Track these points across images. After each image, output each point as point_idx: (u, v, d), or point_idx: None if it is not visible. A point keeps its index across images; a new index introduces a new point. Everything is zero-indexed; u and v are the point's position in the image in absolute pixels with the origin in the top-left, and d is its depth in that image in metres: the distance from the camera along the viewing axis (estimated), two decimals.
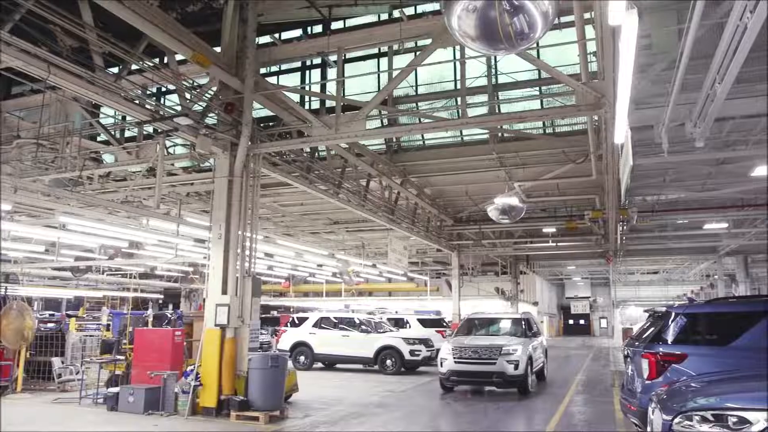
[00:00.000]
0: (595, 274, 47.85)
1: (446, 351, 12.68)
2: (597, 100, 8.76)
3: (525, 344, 12.58)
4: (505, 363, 11.89)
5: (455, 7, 5.24)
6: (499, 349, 12.07)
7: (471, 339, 13.14)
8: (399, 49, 11.95)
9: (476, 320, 14.95)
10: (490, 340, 12.79)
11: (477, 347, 12.35)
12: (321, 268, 30.54)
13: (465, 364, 12.26)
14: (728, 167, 13.33)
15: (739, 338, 6.42)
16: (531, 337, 13.47)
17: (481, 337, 13.56)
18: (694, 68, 7.39)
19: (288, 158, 12.58)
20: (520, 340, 12.77)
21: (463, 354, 12.34)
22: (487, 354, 12.10)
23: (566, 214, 20.51)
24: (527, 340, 13.01)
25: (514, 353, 12.03)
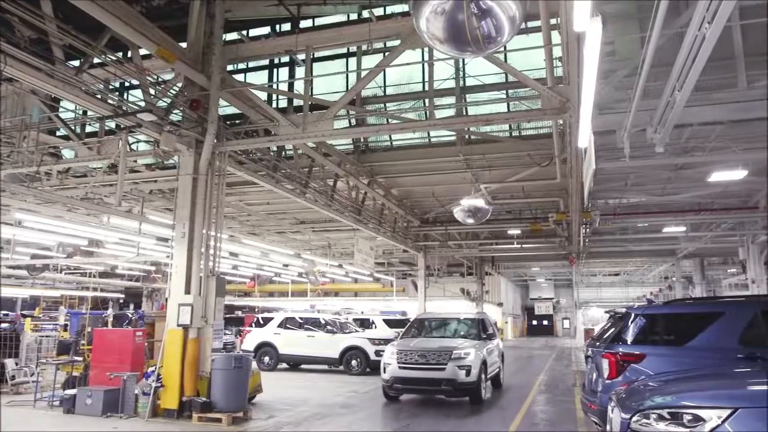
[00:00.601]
0: (559, 275, 48.72)
1: (390, 355, 11.32)
2: (562, 105, 8.91)
3: (479, 347, 11.40)
4: (456, 369, 10.62)
5: (424, 9, 5.26)
6: (450, 352, 10.76)
7: (419, 341, 11.96)
8: (368, 50, 11.95)
9: (426, 321, 13.78)
10: (440, 343, 11.54)
11: (424, 351, 10.99)
12: (287, 268, 30.32)
13: (411, 369, 10.92)
14: (686, 172, 13.70)
15: (694, 338, 6.61)
16: (486, 340, 12.30)
17: (431, 339, 12.43)
18: (655, 76, 7.58)
19: (254, 157, 12.45)
20: (474, 343, 11.60)
21: (409, 358, 10.99)
22: (435, 358, 10.78)
23: (531, 217, 20.81)
24: (481, 342, 11.89)
25: (466, 358, 10.77)
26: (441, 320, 13.82)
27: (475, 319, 13.19)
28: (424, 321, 13.79)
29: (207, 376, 9.60)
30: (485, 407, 11.01)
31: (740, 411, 3.73)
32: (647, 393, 4.64)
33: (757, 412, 3.74)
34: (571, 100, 8.53)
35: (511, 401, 11.90)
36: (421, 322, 13.64)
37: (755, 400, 3.96)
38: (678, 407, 4.07)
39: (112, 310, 16.25)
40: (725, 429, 3.70)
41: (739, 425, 3.67)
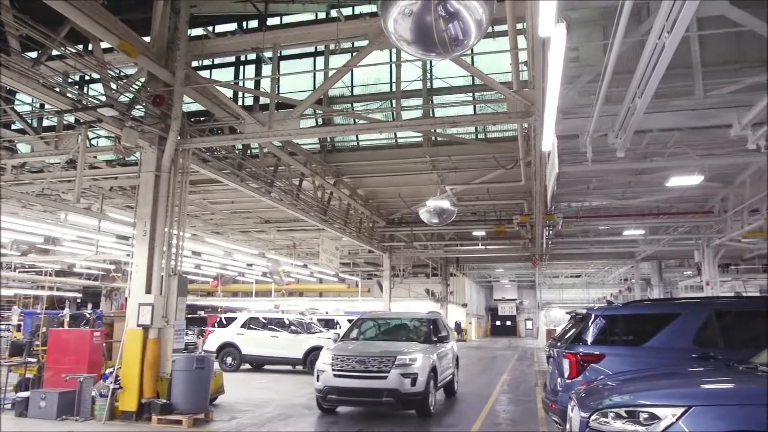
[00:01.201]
0: (522, 276, 49.39)
1: (324, 360, 9.90)
2: (527, 108, 9.04)
3: (428, 352, 10.05)
4: (400, 377, 9.27)
5: (392, 10, 5.27)
6: (393, 358, 9.42)
7: (359, 345, 10.59)
8: (335, 49, 11.90)
9: (370, 321, 12.23)
10: (383, 347, 10.13)
11: (364, 356, 9.62)
12: (251, 268, 30.03)
13: (347, 378, 9.51)
14: (646, 177, 14.05)
15: (652, 339, 6.78)
16: (437, 343, 10.94)
17: (373, 342, 11.01)
18: (617, 82, 7.75)
19: (219, 155, 12.28)
20: (423, 346, 10.24)
21: (346, 365, 9.58)
22: (376, 365, 9.43)
23: (495, 218, 21.05)
24: (431, 346, 10.50)
25: (412, 364, 9.43)
26: (387, 321, 12.41)
27: (425, 319, 11.72)
28: (368, 322, 12.20)
29: (168, 377, 9.42)
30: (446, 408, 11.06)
31: (693, 409, 3.84)
32: (606, 392, 4.73)
33: (709, 410, 3.86)
34: (536, 104, 8.66)
35: (471, 406, 11.52)
36: (364, 323, 12.11)
37: (707, 399, 4.09)
38: (635, 406, 4.17)
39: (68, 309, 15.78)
40: (679, 426, 3.80)
41: (692, 423, 3.78)
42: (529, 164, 12.55)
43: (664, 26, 5.53)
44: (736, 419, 3.71)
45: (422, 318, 11.88)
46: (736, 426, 3.66)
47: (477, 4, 5.17)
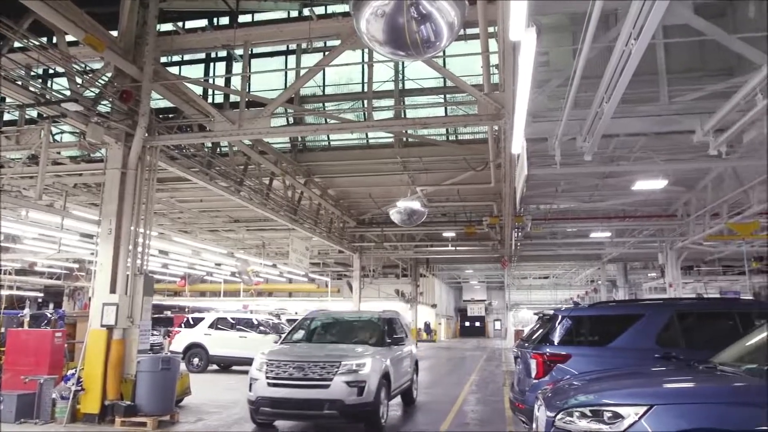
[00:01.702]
0: (491, 278, 49.89)
1: (257, 367, 8.58)
2: (497, 111, 9.13)
3: (380, 356, 8.83)
4: (345, 385, 8.02)
5: (364, 10, 5.27)
6: (337, 364, 8.17)
7: (300, 348, 9.38)
8: (308, 48, 11.85)
9: (317, 320, 10.78)
10: (327, 351, 8.94)
11: (303, 361, 8.29)
12: (219, 267, 29.68)
13: (283, 387, 8.22)
14: (612, 181, 14.33)
15: (616, 339, 6.92)
16: (391, 346, 9.72)
17: (317, 345, 9.72)
18: (585, 87, 7.88)
19: (188, 152, 12.11)
20: (374, 350, 8.98)
21: (282, 371, 8.28)
22: (317, 372, 8.14)
23: (465, 220, 21.22)
24: (384, 349, 9.27)
25: (359, 370, 8.19)
26: (337, 320, 10.97)
27: (379, 319, 10.36)
28: (316, 321, 10.75)
29: (132, 378, 9.24)
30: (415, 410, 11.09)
31: (655, 408, 3.93)
32: (571, 392, 4.80)
33: (670, 409, 3.95)
34: (506, 107, 8.75)
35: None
36: (311, 323, 10.67)
37: (668, 398, 4.18)
38: (599, 405, 4.24)
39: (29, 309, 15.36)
40: (642, 425, 3.88)
41: (653, 421, 3.86)
42: (499, 166, 12.68)
43: (631, 33, 5.65)
44: (695, 417, 3.81)
45: (376, 317, 10.50)
46: (696, 424, 3.75)
47: (449, 7, 5.20)
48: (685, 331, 6.88)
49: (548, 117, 9.31)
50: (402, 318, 11.83)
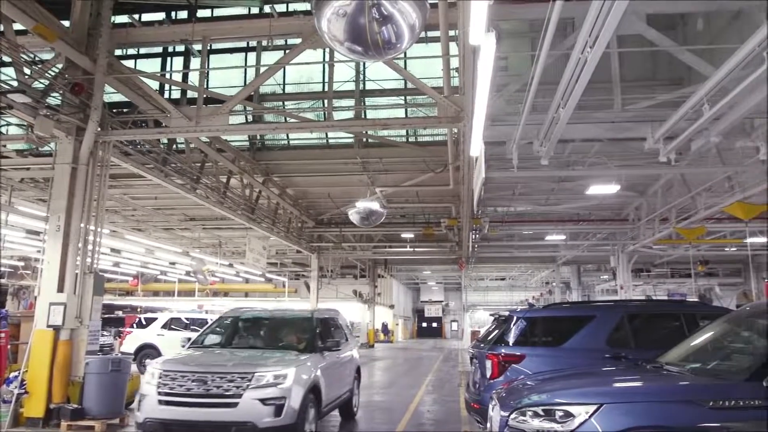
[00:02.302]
0: (449, 279, 50.38)
1: (148, 379, 6.92)
2: (457, 114, 9.21)
3: (308, 365, 7.34)
4: (257, 403, 6.52)
5: (326, 10, 5.25)
6: (248, 375, 6.63)
7: (206, 355, 7.66)
8: (268, 46, 11.73)
9: (235, 320, 9.04)
10: (240, 359, 7.38)
11: (206, 372, 6.70)
12: (174, 267, 29.08)
13: (179, 406, 6.60)
14: (568, 185, 14.67)
15: (569, 340, 7.07)
16: (324, 351, 8.05)
17: (230, 351, 8.07)
18: (542, 92, 8.06)
19: (142, 148, 11.80)
20: (300, 358, 7.39)
21: (178, 385, 6.66)
22: (223, 386, 6.57)
23: (424, 221, 21.35)
24: (315, 356, 7.69)
25: (277, 383, 6.67)
26: (259, 320, 9.25)
27: (311, 319, 8.75)
28: (235, 321, 9.05)
29: (80, 380, 8.94)
30: None
31: (604, 406, 4.03)
32: (525, 392, 4.88)
33: (618, 407, 4.06)
34: (466, 110, 8.84)
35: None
36: (228, 324, 8.98)
37: (617, 396, 4.30)
38: (551, 404, 4.32)
39: None
40: (591, 423, 3.97)
41: (602, 420, 3.96)
42: (457, 168, 12.80)
43: (587, 42, 5.80)
44: (641, 415, 3.93)
45: (307, 317, 8.94)
46: (642, 422, 3.86)
47: (411, 9, 5.23)
48: (635, 332, 7.09)
49: (506, 121, 9.47)
50: (342, 317, 10.31)
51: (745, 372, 3.99)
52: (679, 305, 9.24)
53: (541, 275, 41.70)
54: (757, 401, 3.74)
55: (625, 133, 9.55)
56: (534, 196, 16.45)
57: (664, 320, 7.45)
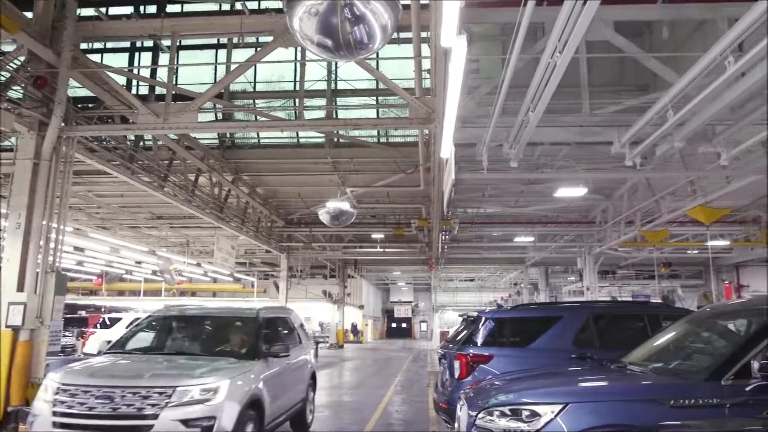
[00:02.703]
0: (419, 279, 50.56)
1: (42, 395, 5.73)
2: (428, 115, 9.25)
3: (247, 374, 6.19)
4: (178, 425, 5.32)
5: (297, 8, 5.22)
6: (167, 390, 5.43)
7: (120, 364, 6.43)
8: (239, 43, 11.61)
9: (167, 319, 7.79)
10: (159, 368, 6.05)
11: (113, 387, 5.47)
12: (140, 266, 28.56)
13: (78, 429, 5.35)
14: (537, 187, 14.87)
15: (536, 340, 7.17)
16: (270, 357, 6.86)
17: (151, 358, 6.65)
18: (512, 95, 8.14)
19: (108, 145, 11.56)
20: (237, 365, 6.26)
21: (78, 403, 5.42)
22: (135, 403, 5.36)
23: (394, 222, 21.39)
24: (257, 363, 6.54)
25: (204, 399, 5.47)
26: (193, 321, 7.92)
27: (255, 319, 7.42)
28: (163, 322, 7.76)
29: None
30: None
31: (570, 405, 4.09)
32: (492, 392, 4.93)
33: (583, 406, 4.13)
34: (437, 112, 8.89)
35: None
36: (156, 324, 7.73)
37: (582, 396, 4.37)
38: (518, 404, 4.37)
39: None
40: (557, 422, 4.03)
41: (568, 418, 4.02)
42: (428, 170, 12.86)
43: (556, 46, 5.88)
44: (605, 414, 4.00)
45: (251, 317, 7.54)
46: (606, 420, 3.94)
47: (383, 10, 5.24)
48: (600, 333, 7.22)
49: (477, 123, 9.55)
50: (295, 317, 9.19)
51: (704, 372, 4.10)
52: (643, 306, 9.44)
53: (509, 276, 42.15)
54: (715, 400, 3.84)
55: (593, 137, 9.71)
56: (503, 197, 16.62)
57: (629, 321, 7.61)
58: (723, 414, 3.78)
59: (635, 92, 9.88)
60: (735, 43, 5.77)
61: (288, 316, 8.92)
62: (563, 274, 37.37)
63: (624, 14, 7.60)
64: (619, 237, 17.76)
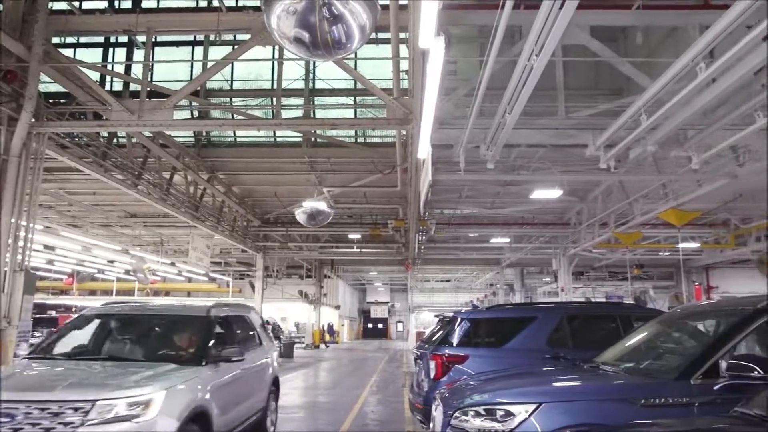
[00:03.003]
0: (395, 280, 50.56)
1: None
2: (406, 116, 9.26)
3: (189, 384, 5.27)
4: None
5: (275, 7, 5.19)
6: (87, 406, 4.48)
7: (31, 373, 5.51)
8: (216, 40, 11.48)
9: (104, 318, 6.68)
10: (81, 377, 5.13)
11: (16, 402, 4.46)
12: (112, 265, 28.09)
13: None
14: (513, 189, 14.99)
15: (511, 340, 7.22)
16: (220, 362, 5.94)
17: (78, 364, 5.77)
18: (490, 98, 8.19)
19: (80, 141, 11.34)
20: (179, 373, 5.31)
21: None
22: (42, 422, 4.40)
23: (371, 222, 21.38)
24: (204, 370, 5.63)
25: (132, 417, 4.56)
26: (134, 319, 6.81)
27: (205, 317, 6.47)
28: (100, 320, 6.66)
29: None
30: None
31: (543, 405, 4.13)
32: (467, 392, 4.95)
33: (557, 406, 4.17)
34: (414, 113, 8.90)
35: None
36: (91, 323, 6.65)
37: (555, 395, 4.42)
38: (492, 404, 4.40)
39: None
40: (531, 422, 4.07)
41: (542, 418, 4.06)
42: (405, 170, 12.87)
43: (533, 50, 5.94)
44: (578, 414, 4.05)
45: (200, 315, 6.54)
46: (579, 419, 3.98)
47: (361, 9, 5.23)
48: (573, 333, 7.31)
49: (454, 124, 9.59)
50: (255, 315, 8.34)
51: (674, 371, 4.17)
52: (616, 307, 9.59)
53: (485, 277, 42.40)
54: (684, 399, 3.91)
55: (568, 140, 9.83)
56: (480, 199, 16.72)
57: (602, 321, 7.71)
58: (692, 413, 3.85)
59: (610, 96, 10.02)
60: (706, 50, 5.89)
61: (246, 315, 7.98)
62: (538, 275, 37.72)
63: (599, 19, 7.70)
64: (594, 238, 18.00)
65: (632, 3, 7.45)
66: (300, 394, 12.94)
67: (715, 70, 6.04)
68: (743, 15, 5.03)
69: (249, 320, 7.97)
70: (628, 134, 8.49)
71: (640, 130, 8.09)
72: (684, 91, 6.68)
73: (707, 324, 5.02)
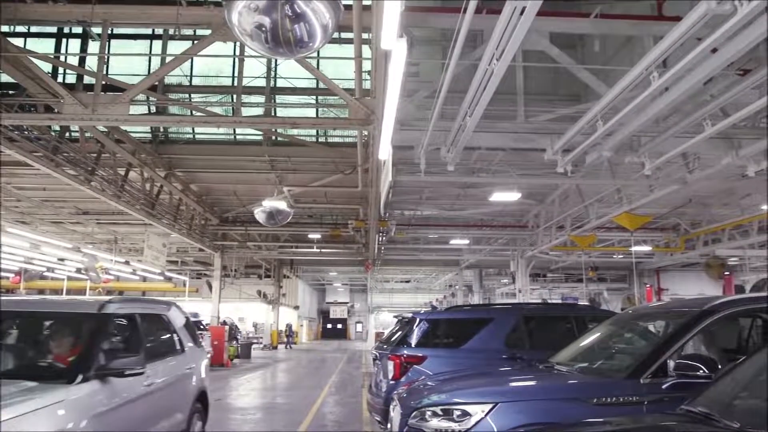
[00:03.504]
0: (355, 280, 50.49)
1: None
2: (367, 116, 9.25)
3: (45, 409, 3.64)
4: None
5: (237, 3, 5.12)
6: None
7: None
8: (175, 35, 11.23)
9: None
10: None
11: None
12: (63, 263, 27.20)
13: None
14: (473, 191, 15.16)
15: (469, 341, 7.31)
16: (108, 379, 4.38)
17: None
18: (451, 100, 8.25)
19: (30, 135, 10.94)
20: (33, 395, 3.70)
21: None
22: None
23: (332, 222, 21.30)
24: (81, 389, 4.09)
25: None
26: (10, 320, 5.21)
27: (91, 317, 4.88)
28: None
29: None
30: None
31: (499, 405, 4.19)
32: (425, 392, 4.98)
33: (512, 405, 4.25)
34: (376, 113, 8.90)
35: None
36: None
37: (511, 395, 4.50)
38: (449, 404, 4.44)
39: None
40: (487, 422, 4.12)
41: (498, 418, 4.12)
42: (366, 171, 12.86)
43: (494, 54, 6.01)
44: (533, 413, 4.12)
45: (86, 313, 5.05)
46: (534, 419, 4.05)
47: (324, 9, 5.20)
48: (530, 334, 7.44)
49: (415, 126, 9.63)
50: (178, 313, 6.76)
51: (625, 371, 4.28)
52: (571, 308, 9.80)
53: (445, 278, 42.78)
54: (635, 397, 4.03)
55: (527, 144, 9.98)
56: (440, 200, 16.85)
57: (557, 322, 7.88)
58: (641, 411, 3.97)
59: (568, 102, 10.22)
60: (659, 60, 6.07)
61: (164, 313, 6.36)
62: (497, 277, 38.23)
63: (559, 26, 7.85)
64: (551, 241, 18.36)
65: (590, 12, 7.62)
66: (258, 395, 12.79)
67: (667, 79, 6.23)
68: (694, 27, 5.20)
69: (167, 320, 6.39)
70: (585, 139, 8.69)
71: (596, 136, 8.29)
72: (638, 99, 6.86)
73: (657, 325, 5.19)
